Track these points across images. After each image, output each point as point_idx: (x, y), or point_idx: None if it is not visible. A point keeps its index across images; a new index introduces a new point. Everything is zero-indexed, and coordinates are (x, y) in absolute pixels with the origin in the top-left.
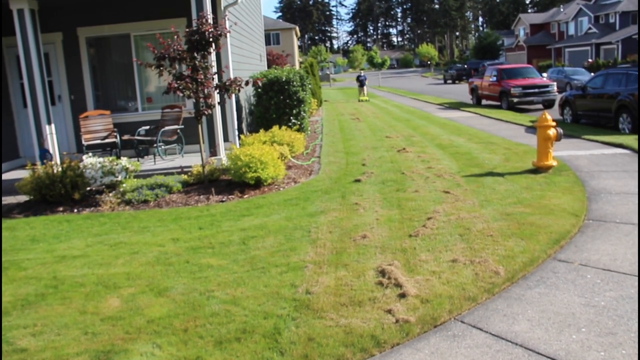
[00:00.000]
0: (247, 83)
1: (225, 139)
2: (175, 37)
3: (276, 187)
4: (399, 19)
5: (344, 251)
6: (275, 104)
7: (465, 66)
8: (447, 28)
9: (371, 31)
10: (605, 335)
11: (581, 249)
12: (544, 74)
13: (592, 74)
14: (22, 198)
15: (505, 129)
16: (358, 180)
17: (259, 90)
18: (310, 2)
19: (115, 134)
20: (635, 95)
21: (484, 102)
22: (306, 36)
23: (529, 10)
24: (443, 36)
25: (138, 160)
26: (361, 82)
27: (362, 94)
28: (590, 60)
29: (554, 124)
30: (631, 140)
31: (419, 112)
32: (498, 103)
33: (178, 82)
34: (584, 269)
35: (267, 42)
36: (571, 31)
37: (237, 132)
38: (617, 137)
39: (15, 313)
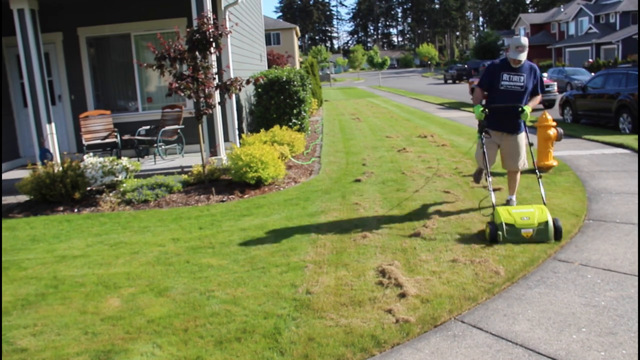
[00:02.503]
0: (247, 82)
1: (226, 139)
2: (176, 36)
3: (276, 187)
4: (399, 19)
5: (344, 251)
6: (276, 104)
7: (466, 66)
8: (448, 28)
9: (371, 31)
10: (606, 335)
11: (581, 249)
12: (545, 74)
13: (593, 74)
14: (23, 198)
15: None
16: (358, 180)
17: (260, 90)
18: (311, 2)
19: (115, 133)
20: (636, 95)
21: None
22: (306, 36)
23: (529, 10)
24: (443, 36)
25: (138, 160)
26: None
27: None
28: (590, 60)
29: (554, 123)
30: (631, 140)
31: (419, 112)
32: None
33: (179, 82)
34: (584, 269)
35: (268, 42)
36: (571, 31)
37: (237, 132)
38: (617, 137)
39: (16, 313)
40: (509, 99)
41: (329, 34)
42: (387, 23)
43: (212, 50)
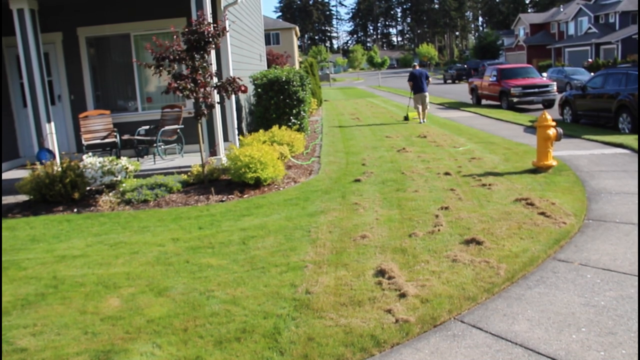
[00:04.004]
0: (241, 89)
1: (225, 139)
2: (175, 37)
3: (276, 187)
4: (399, 19)
5: (343, 251)
6: (275, 104)
7: (465, 66)
8: (447, 28)
9: (371, 31)
10: (605, 335)
11: (581, 249)
12: (544, 74)
13: (592, 73)
14: (22, 198)
15: (505, 128)
16: (358, 180)
17: (259, 90)
18: (310, 2)
19: (115, 133)
20: (635, 95)
21: (483, 101)
22: (306, 36)
23: (529, 10)
24: (443, 36)
25: (138, 160)
26: (417, 79)
27: (419, 105)
28: (590, 60)
29: (553, 123)
30: (631, 140)
31: None
32: (498, 103)
33: (177, 82)
34: (583, 269)
35: (267, 42)
36: (571, 31)
37: (236, 132)
38: (617, 137)
39: (15, 313)
40: (418, 82)
41: (329, 34)
42: (387, 23)
43: (211, 50)
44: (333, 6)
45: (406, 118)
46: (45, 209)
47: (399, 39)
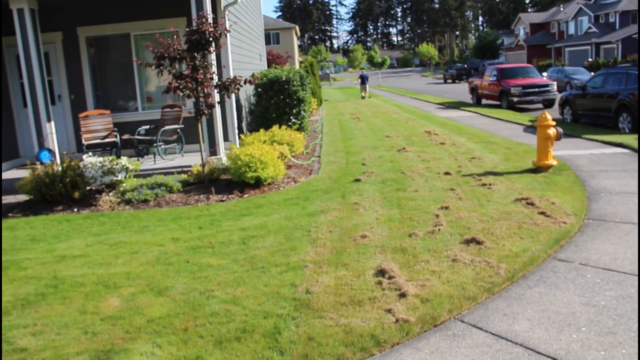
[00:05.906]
0: (245, 81)
1: (225, 139)
2: (175, 36)
3: (276, 186)
4: (399, 19)
5: (343, 251)
6: (275, 104)
7: (465, 66)
8: (447, 27)
9: (371, 31)
10: (606, 335)
11: (581, 249)
12: (544, 74)
13: (592, 73)
14: (22, 197)
15: (505, 128)
16: (358, 180)
17: (259, 89)
18: (310, 2)
19: (115, 133)
20: (635, 95)
21: (484, 101)
22: (306, 36)
23: (529, 10)
24: (443, 36)
25: (138, 160)
26: (362, 79)
27: (364, 91)
28: (590, 59)
29: (554, 123)
30: (631, 139)
31: (419, 111)
32: (498, 102)
33: (178, 81)
34: (584, 269)
35: (267, 42)
36: (571, 30)
37: (237, 132)
38: (617, 136)
39: (16, 313)
40: (363, 79)
41: (329, 34)
42: (387, 22)
43: (211, 49)
44: (333, 6)
45: (363, 97)
46: (45, 208)
47: (399, 38)
